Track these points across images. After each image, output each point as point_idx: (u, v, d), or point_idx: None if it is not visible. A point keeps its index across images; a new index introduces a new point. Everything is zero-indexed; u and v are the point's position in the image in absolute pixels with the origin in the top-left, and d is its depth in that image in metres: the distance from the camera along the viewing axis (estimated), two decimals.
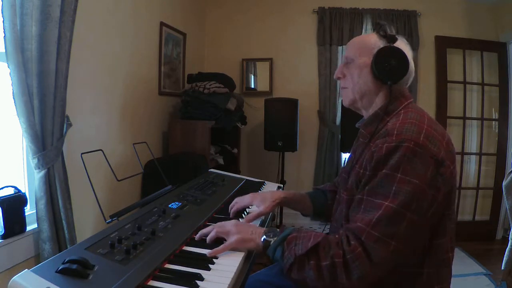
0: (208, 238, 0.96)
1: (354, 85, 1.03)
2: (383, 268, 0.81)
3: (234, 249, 0.92)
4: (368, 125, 1.02)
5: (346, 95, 1.07)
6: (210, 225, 1.02)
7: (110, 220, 1.10)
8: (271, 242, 0.90)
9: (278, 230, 0.94)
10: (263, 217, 1.20)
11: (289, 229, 0.93)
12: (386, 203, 0.81)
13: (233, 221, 1.01)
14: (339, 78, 1.08)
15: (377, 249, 0.79)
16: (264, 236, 0.92)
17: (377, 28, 1.02)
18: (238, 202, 1.24)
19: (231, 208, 1.23)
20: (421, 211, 0.83)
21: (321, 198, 1.31)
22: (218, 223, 0.99)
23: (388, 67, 0.96)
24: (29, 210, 1.56)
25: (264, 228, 0.96)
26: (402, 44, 1.01)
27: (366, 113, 1.06)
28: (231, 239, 0.92)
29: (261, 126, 3.19)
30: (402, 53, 0.97)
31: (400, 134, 0.86)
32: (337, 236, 0.85)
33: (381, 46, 0.98)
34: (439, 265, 0.91)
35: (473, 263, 2.78)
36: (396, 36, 1.00)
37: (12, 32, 1.29)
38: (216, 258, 0.89)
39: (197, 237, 0.98)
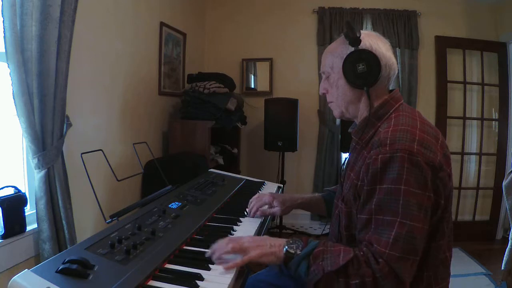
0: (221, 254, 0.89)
1: (337, 98, 1.03)
2: (408, 283, 0.80)
3: (252, 262, 0.87)
4: (359, 131, 0.99)
5: (333, 109, 1.07)
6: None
7: (110, 220, 1.10)
8: (295, 255, 0.85)
9: (301, 241, 0.87)
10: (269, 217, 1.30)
11: (314, 242, 0.87)
12: (398, 219, 0.80)
13: (247, 236, 0.94)
14: (324, 94, 1.07)
15: (399, 268, 0.78)
16: (286, 247, 0.86)
17: (344, 29, 0.97)
18: (256, 202, 1.30)
19: (251, 209, 1.29)
20: (428, 219, 0.83)
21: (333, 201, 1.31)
22: (233, 238, 0.94)
23: (358, 74, 0.94)
24: (29, 210, 1.56)
25: (285, 239, 0.90)
26: (370, 39, 0.97)
27: (357, 120, 1.05)
28: (251, 254, 0.86)
29: (261, 126, 3.19)
30: (369, 54, 0.93)
31: (393, 143, 0.84)
32: (362, 253, 0.82)
33: (348, 52, 0.95)
34: (437, 266, 0.91)
35: (473, 263, 2.78)
36: (361, 34, 0.95)
37: (12, 32, 1.29)
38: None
39: (209, 253, 0.90)
